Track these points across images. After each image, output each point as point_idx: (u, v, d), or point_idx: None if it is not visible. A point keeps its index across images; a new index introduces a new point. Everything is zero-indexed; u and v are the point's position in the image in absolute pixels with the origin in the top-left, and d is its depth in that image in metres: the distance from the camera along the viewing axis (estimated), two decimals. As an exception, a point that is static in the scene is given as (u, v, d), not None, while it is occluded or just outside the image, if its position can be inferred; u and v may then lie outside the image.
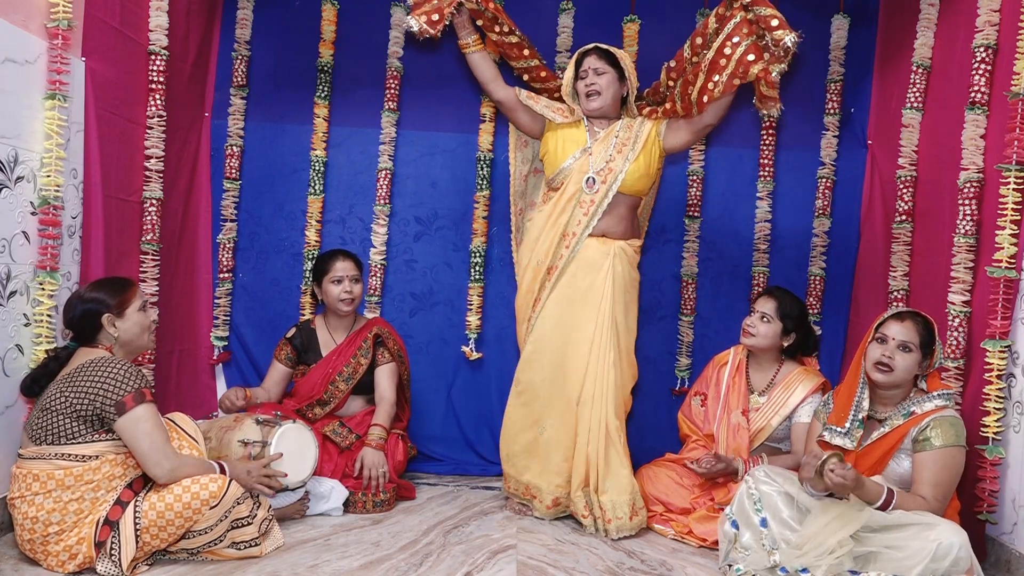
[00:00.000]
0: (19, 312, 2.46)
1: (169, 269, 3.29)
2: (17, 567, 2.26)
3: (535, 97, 3.07)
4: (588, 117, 3.02)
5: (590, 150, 2.96)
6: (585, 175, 2.93)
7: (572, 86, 3.01)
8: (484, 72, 3.05)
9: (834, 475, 2.17)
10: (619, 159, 2.93)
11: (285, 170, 3.70)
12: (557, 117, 3.02)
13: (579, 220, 2.93)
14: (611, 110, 3.01)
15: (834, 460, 2.19)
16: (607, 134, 2.98)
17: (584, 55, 2.98)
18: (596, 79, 2.94)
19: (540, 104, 3.05)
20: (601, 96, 2.95)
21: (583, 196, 2.93)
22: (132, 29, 2.97)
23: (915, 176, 3.16)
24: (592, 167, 2.93)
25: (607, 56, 2.96)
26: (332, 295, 3.19)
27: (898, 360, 2.42)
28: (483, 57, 3.03)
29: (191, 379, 3.54)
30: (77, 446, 2.23)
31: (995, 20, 2.68)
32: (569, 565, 2.54)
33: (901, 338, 2.43)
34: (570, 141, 3.00)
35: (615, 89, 2.97)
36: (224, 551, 2.37)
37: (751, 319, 3.05)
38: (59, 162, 2.55)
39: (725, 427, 3.02)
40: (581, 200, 2.93)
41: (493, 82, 3.06)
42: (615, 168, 2.92)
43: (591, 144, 2.97)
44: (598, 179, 2.91)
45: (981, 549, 2.46)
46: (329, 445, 3.05)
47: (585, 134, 3.00)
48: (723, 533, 2.49)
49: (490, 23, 2.98)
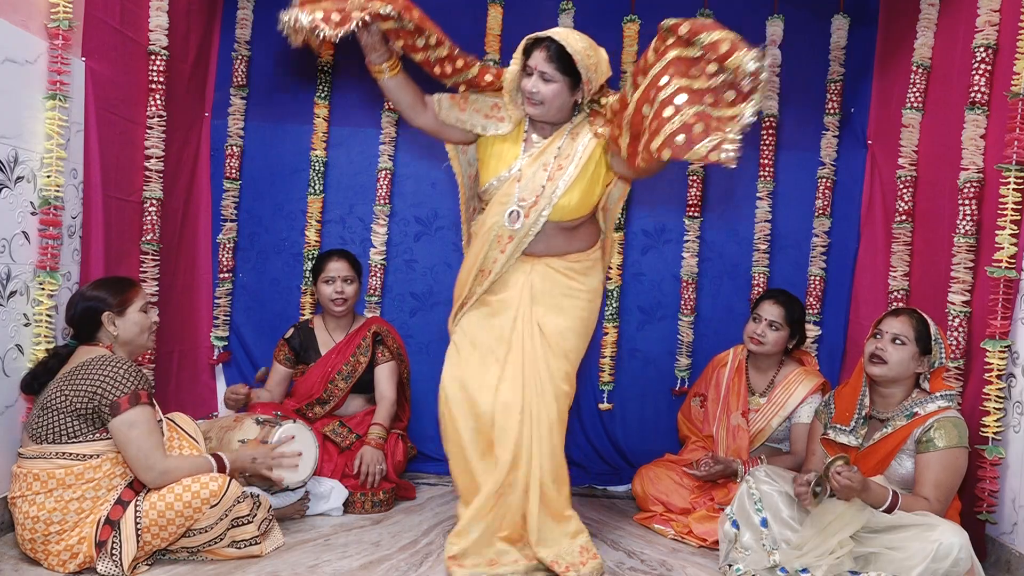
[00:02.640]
0: (19, 312, 2.46)
1: (169, 269, 3.29)
2: (17, 567, 2.26)
3: (462, 105, 2.51)
4: (530, 119, 2.49)
5: (519, 173, 2.44)
6: (508, 207, 2.42)
7: (516, 80, 2.44)
8: (402, 99, 2.49)
9: (840, 478, 2.16)
10: (549, 186, 2.41)
11: (285, 170, 3.70)
12: (490, 129, 2.50)
13: (495, 258, 2.46)
14: (557, 117, 2.46)
15: (840, 463, 2.18)
16: (543, 149, 2.45)
17: (535, 45, 2.38)
18: (541, 86, 2.36)
19: (467, 114, 2.51)
20: (544, 106, 2.39)
21: (502, 231, 2.43)
22: (132, 29, 2.97)
23: (915, 176, 3.16)
24: (516, 195, 2.42)
25: (560, 60, 2.33)
26: (324, 295, 3.20)
27: (891, 352, 2.42)
28: (400, 82, 2.46)
29: (191, 379, 3.54)
30: (78, 445, 2.23)
31: (995, 20, 2.68)
32: (569, 565, 2.54)
33: (894, 332, 2.44)
34: (501, 157, 2.50)
35: (563, 100, 2.40)
36: (224, 550, 2.37)
37: (759, 327, 3.03)
38: (59, 162, 2.55)
39: (725, 428, 3.02)
40: (499, 235, 2.44)
41: (412, 109, 2.51)
42: (542, 200, 2.41)
43: (522, 162, 2.45)
44: (520, 212, 2.41)
45: (981, 549, 2.45)
46: (329, 445, 3.05)
47: (519, 148, 2.48)
48: (723, 533, 2.49)
49: (411, 39, 2.35)
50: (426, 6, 3.58)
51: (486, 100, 2.53)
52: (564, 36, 2.35)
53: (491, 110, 2.52)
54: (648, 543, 2.80)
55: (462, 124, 2.52)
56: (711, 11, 3.61)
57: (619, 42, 3.62)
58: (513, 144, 2.50)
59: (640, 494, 3.05)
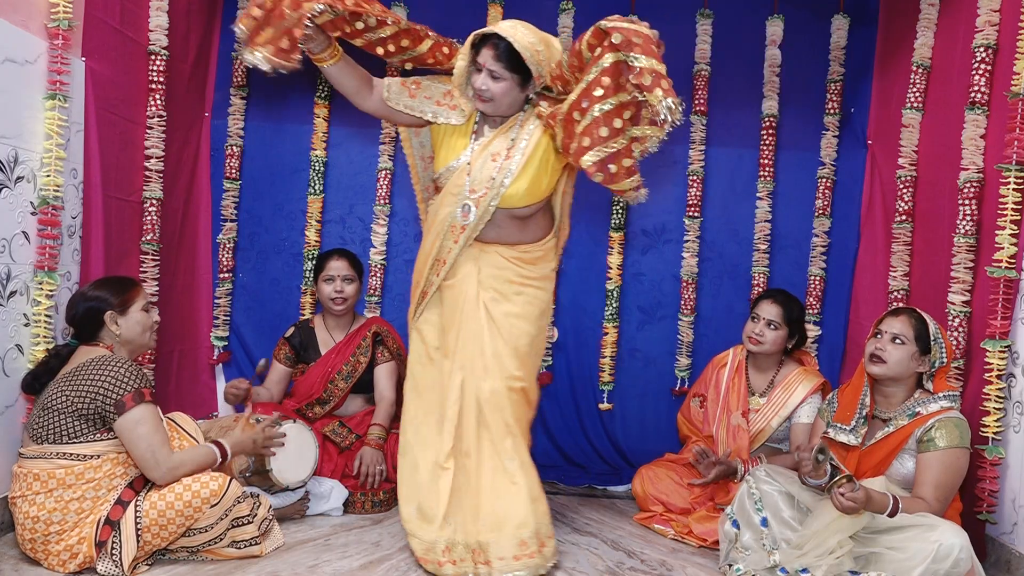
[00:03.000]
0: (19, 312, 2.46)
1: (169, 269, 3.29)
2: (17, 567, 2.26)
3: (412, 92, 2.46)
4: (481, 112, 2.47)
5: (468, 166, 2.43)
6: (460, 199, 2.42)
7: (464, 75, 2.40)
8: (348, 84, 2.46)
9: (844, 499, 2.16)
10: (499, 177, 2.39)
11: (285, 170, 3.70)
12: (442, 117, 2.46)
13: (449, 248, 2.46)
14: (509, 111, 2.44)
15: (843, 482, 2.17)
16: (491, 140, 2.44)
17: (483, 41, 2.33)
18: (491, 84, 2.33)
19: (418, 100, 2.46)
20: (494, 103, 2.37)
21: (456, 222, 2.43)
22: (132, 29, 2.97)
23: (915, 176, 3.16)
24: (467, 186, 2.42)
25: (509, 58, 2.29)
26: (324, 294, 3.20)
27: (890, 352, 2.42)
28: (342, 68, 2.43)
29: (191, 379, 3.54)
30: (78, 445, 2.23)
31: (995, 20, 2.68)
32: (569, 565, 2.54)
33: (893, 331, 2.44)
34: (452, 148, 2.49)
35: (513, 96, 2.38)
36: (224, 550, 2.38)
37: (757, 327, 3.03)
38: (59, 162, 2.55)
39: (725, 428, 3.02)
40: (452, 225, 2.44)
41: (358, 95, 2.48)
42: (491, 190, 2.40)
43: (470, 153, 2.44)
44: (471, 203, 2.41)
45: (981, 549, 2.46)
46: (329, 445, 3.05)
47: (468, 139, 2.47)
48: (723, 533, 2.49)
49: (348, 26, 2.32)
50: (426, 6, 3.64)
51: (438, 87, 2.50)
52: (512, 32, 2.29)
53: (443, 97, 2.48)
54: (648, 543, 2.80)
55: (411, 111, 2.48)
56: (711, 11, 3.62)
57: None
58: (463, 136, 2.48)
59: (640, 494, 3.05)
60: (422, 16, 3.63)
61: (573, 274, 3.69)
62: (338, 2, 2.24)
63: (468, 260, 2.48)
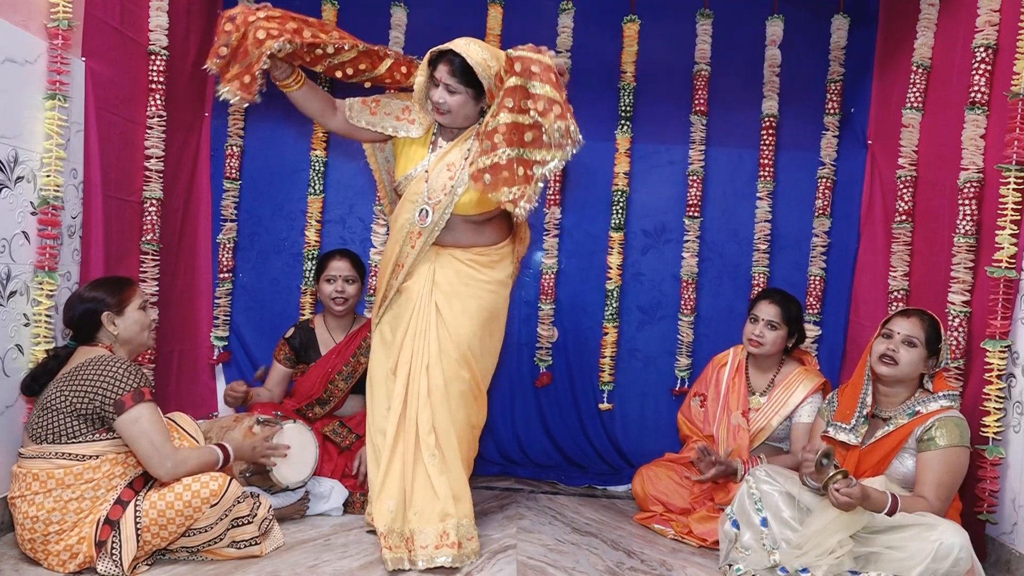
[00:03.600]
0: (19, 312, 2.46)
1: (169, 269, 3.29)
2: (17, 567, 2.26)
3: (372, 109, 2.65)
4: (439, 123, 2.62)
5: (426, 174, 2.56)
6: (418, 205, 2.56)
7: (424, 90, 2.55)
8: (311, 107, 2.65)
9: (840, 494, 2.16)
10: (450, 185, 2.53)
11: (285, 170, 3.70)
12: (401, 131, 2.63)
13: (407, 253, 2.60)
14: (465, 123, 2.58)
15: (839, 478, 2.18)
16: (447, 151, 2.57)
17: (438, 59, 2.49)
18: (447, 97, 2.48)
19: (378, 117, 2.65)
20: (451, 115, 2.52)
21: (414, 227, 2.57)
22: (132, 29, 2.97)
23: (915, 176, 3.16)
24: (424, 194, 2.55)
25: (463, 73, 2.44)
26: (325, 294, 3.20)
27: (903, 354, 2.42)
28: (306, 92, 2.62)
29: (191, 379, 3.54)
30: (78, 445, 2.23)
31: (995, 20, 2.68)
32: (569, 565, 2.54)
33: (906, 333, 2.44)
34: (411, 158, 2.64)
35: (468, 109, 2.52)
36: (224, 550, 2.38)
37: (757, 328, 3.03)
38: (59, 162, 2.55)
39: (725, 428, 3.01)
40: (411, 231, 2.58)
41: (322, 116, 2.67)
42: (443, 200, 2.53)
43: (428, 163, 2.58)
44: (431, 210, 2.55)
45: (981, 549, 2.46)
46: (329, 445, 3.05)
47: (426, 149, 2.62)
48: (724, 533, 2.49)
49: (307, 56, 2.53)
50: (426, 6, 3.64)
51: (397, 104, 2.68)
52: (465, 49, 2.44)
53: (402, 112, 2.66)
54: (648, 543, 2.80)
55: (373, 127, 2.66)
56: (711, 11, 3.62)
57: (619, 42, 3.62)
58: (421, 147, 2.64)
59: (640, 494, 3.05)
60: (422, 16, 3.66)
61: (573, 274, 3.69)
62: (296, 36, 2.44)
63: (425, 262, 2.62)
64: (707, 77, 3.62)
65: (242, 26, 2.43)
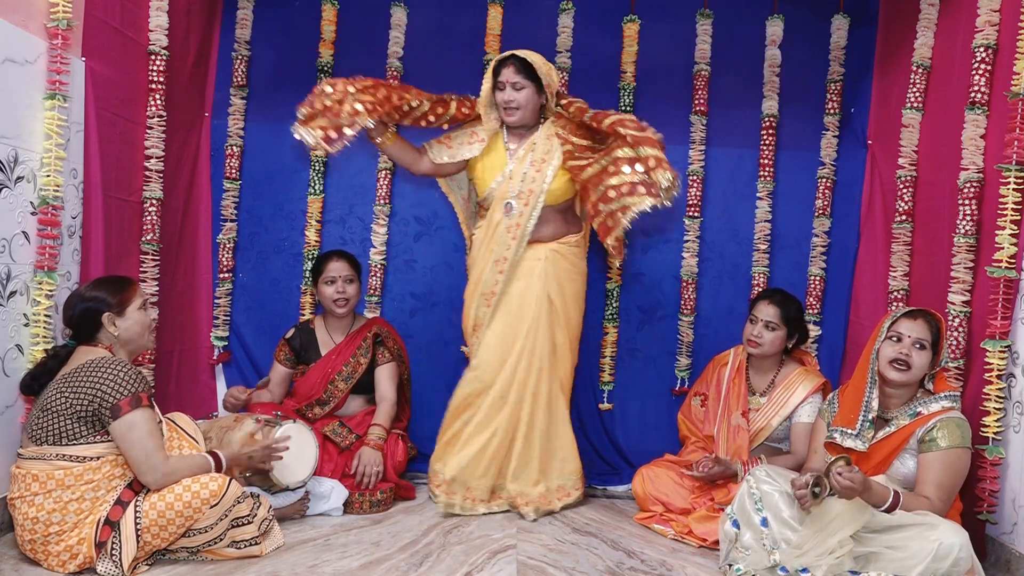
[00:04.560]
0: (19, 312, 2.46)
1: (169, 269, 3.29)
2: (17, 567, 2.26)
3: (448, 144, 3.08)
4: (506, 127, 3.05)
5: (510, 173, 2.99)
6: (504, 200, 2.97)
7: (490, 96, 3.00)
8: (403, 159, 3.11)
9: (842, 479, 2.16)
10: (538, 178, 2.96)
11: (285, 170, 3.69)
12: (476, 150, 3.04)
13: (508, 245, 2.97)
14: (530, 119, 3.02)
15: (841, 463, 2.18)
16: (525, 150, 3.00)
17: (501, 65, 2.96)
18: (514, 94, 2.94)
19: (455, 150, 3.07)
20: (520, 111, 2.96)
21: (508, 221, 2.97)
22: (132, 29, 2.97)
23: (915, 176, 3.16)
24: (511, 191, 2.97)
25: (525, 68, 2.93)
26: (325, 296, 3.20)
27: (915, 358, 2.42)
28: (398, 147, 3.06)
29: (191, 379, 3.54)
30: (77, 447, 2.22)
31: (995, 20, 2.68)
32: (569, 565, 2.54)
33: (916, 336, 2.43)
34: (491, 167, 3.03)
35: (534, 102, 2.98)
36: (224, 550, 2.38)
37: (756, 329, 3.03)
38: (59, 162, 2.55)
39: (725, 428, 3.01)
40: (508, 226, 2.97)
41: (414, 164, 3.10)
42: (535, 188, 2.95)
43: (511, 166, 3.00)
44: (517, 203, 2.96)
45: (981, 549, 2.46)
46: (329, 445, 3.05)
47: (505, 155, 3.03)
48: (724, 533, 2.49)
49: (395, 115, 2.96)
50: (427, 6, 3.64)
51: (463, 133, 3.10)
52: (522, 53, 2.97)
53: (470, 137, 3.08)
54: (648, 543, 2.80)
55: (453, 157, 3.08)
56: (711, 11, 3.62)
57: (619, 42, 3.62)
58: (499, 154, 3.05)
59: (640, 494, 3.05)
60: (422, 16, 3.66)
61: (573, 274, 3.69)
62: (385, 104, 2.88)
63: (531, 259, 2.99)
64: (707, 77, 3.62)
65: (340, 93, 2.83)
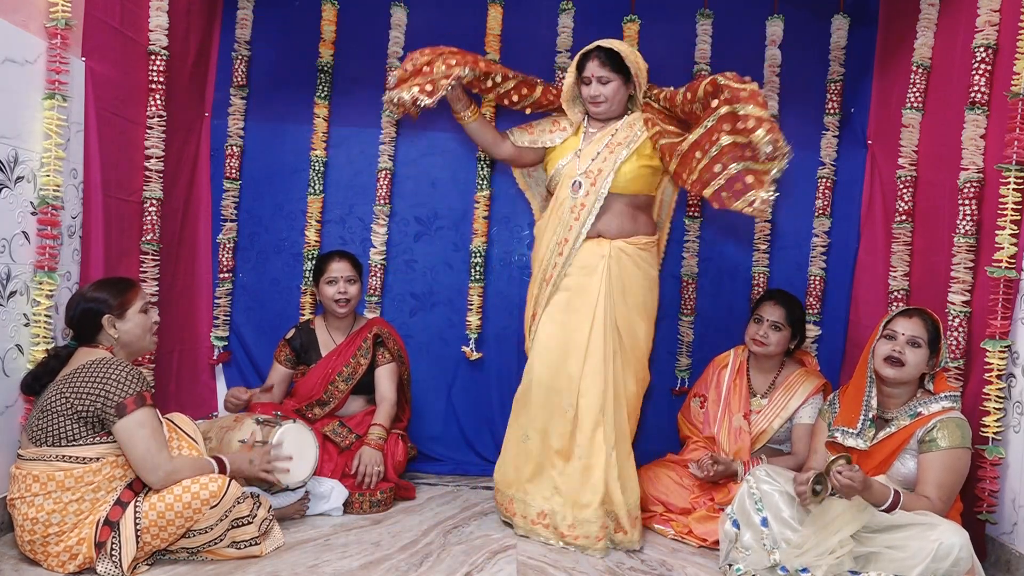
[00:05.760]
0: (19, 312, 2.46)
1: (169, 269, 3.29)
2: (17, 567, 2.26)
3: (531, 130, 3.01)
4: (589, 118, 2.95)
5: (580, 152, 2.87)
6: (571, 179, 2.84)
7: (574, 90, 2.91)
8: (484, 138, 3.05)
9: (842, 477, 2.16)
10: (610, 158, 2.80)
11: (285, 170, 3.70)
12: (557, 139, 2.97)
13: (570, 226, 2.82)
14: (617, 111, 2.91)
15: (842, 462, 2.18)
16: (603, 134, 2.88)
17: (586, 57, 2.84)
18: (601, 89, 2.83)
19: (536, 135, 3.00)
20: (607, 103, 2.85)
21: (572, 201, 2.82)
22: (132, 29, 2.96)
23: (915, 176, 3.16)
24: (578, 170, 2.84)
25: (611, 60, 2.81)
26: (327, 296, 3.20)
27: (909, 355, 2.42)
28: (480, 124, 3.01)
29: (191, 379, 3.54)
30: (78, 448, 2.22)
31: (995, 20, 2.68)
32: (569, 565, 2.54)
33: (910, 333, 2.44)
34: (565, 147, 2.94)
35: (621, 95, 2.86)
36: (224, 550, 2.37)
37: (761, 329, 3.03)
38: (59, 162, 2.55)
39: (726, 430, 3.01)
40: (572, 206, 2.82)
41: (494, 145, 3.04)
42: (604, 168, 2.80)
43: (582, 146, 2.88)
44: (585, 181, 2.80)
45: (981, 549, 2.46)
46: (329, 445, 3.05)
47: (580, 138, 2.92)
48: (724, 532, 2.49)
49: (482, 83, 2.92)
50: (427, 6, 3.64)
51: (546, 121, 3.04)
52: (608, 43, 2.84)
53: (552, 125, 3.01)
54: (648, 543, 2.79)
55: (534, 144, 3.01)
56: (711, 11, 3.62)
57: (619, 42, 3.62)
58: (574, 137, 2.95)
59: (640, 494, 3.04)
60: (422, 16, 3.66)
61: (573, 274, 3.69)
62: (476, 64, 2.85)
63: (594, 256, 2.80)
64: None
65: (431, 54, 2.83)
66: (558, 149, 2.94)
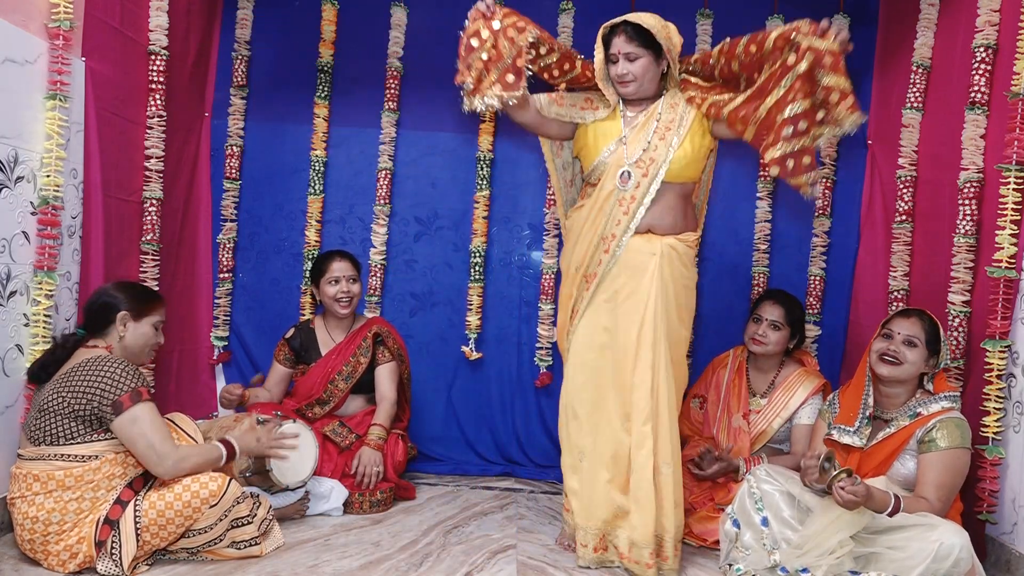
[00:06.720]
0: (19, 312, 2.46)
1: (169, 269, 3.29)
2: (17, 567, 2.26)
3: (561, 101, 2.69)
4: (623, 100, 2.65)
5: (625, 139, 2.58)
6: (620, 169, 2.56)
7: (604, 68, 2.62)
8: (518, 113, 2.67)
9: (844, 492, 2.15)
10: (662, 146, 2.54)
11: (285, 170, 3.70)
12: (588, 117, 2.67)
13: (619, 220, 2.55)
14: (650, 90, 2.61)
15: (843, 476, 2.17)
16: (647, 118, 2.59)
17: (612, 33, 2.56)
18: (628, 66, 2.54)
19: (565, 109, 2.68)
20: (636, 82, 2.56)
21: (621, 193, 2.54)
22: (132, 29, 2.97)
23: (915, 176, 3.16)
24: (627, 159, 2.55)
25: (639, 35, 2.52)
26: (329, 296, 3.19)
27: (905, 354, 2.42)
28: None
29: (191, 379, 3.54)
30: (76, 446, 2.22)
31: (995, 20, 2.68)
32: (569, 565, 2.54)
33: (907, 333, 2.44)
34: (604, 134, 2.64)
35: (652, 72, 2.57)
36: (224, 550, 2.38)
37: (760, 328, 3.03)
38: (59, 162, 2.55)
39: (726, 430, 3.01)
40: (621, 198, 2.54)
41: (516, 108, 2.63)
42: (657, 157, 2.54)
43: (626, 133, 2.60)
44: (635, 172, 2.53)
45: (981, 549, 2.45)
46: (329, 445, 3.05)
47: (620, 123, 2.63)
48: (724, 532, 2.49)
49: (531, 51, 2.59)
50: (427, 6, 3.64)
51: (579, 96, 2.72)
52: (635, 17, 2.54)
53: (585, 103, 2.70)
54: (648, 543, 2.79)
55: (561, 117, 2.68)
56: (711, 11, 3.61)
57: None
58: (613, 122, 2.65)
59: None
60: (422, 16, 3.66)
61: (573, 274, 3.68)
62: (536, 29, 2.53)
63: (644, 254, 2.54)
64: (707, 77, 3.61)
65: (490, 37, 2.47)
66: (594, 133, 2.66)
